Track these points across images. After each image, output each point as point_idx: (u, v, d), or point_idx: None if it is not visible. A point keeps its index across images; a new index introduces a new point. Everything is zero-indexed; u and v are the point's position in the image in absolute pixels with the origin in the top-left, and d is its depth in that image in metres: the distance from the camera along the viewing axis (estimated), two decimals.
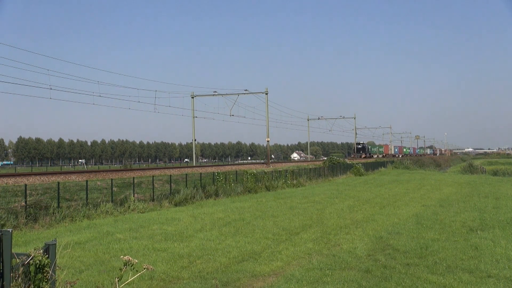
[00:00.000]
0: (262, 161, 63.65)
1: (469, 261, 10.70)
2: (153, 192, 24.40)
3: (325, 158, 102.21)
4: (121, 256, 6.38)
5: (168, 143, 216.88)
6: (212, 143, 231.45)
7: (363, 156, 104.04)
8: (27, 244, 12.85)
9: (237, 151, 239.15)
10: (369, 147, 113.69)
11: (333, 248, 12.45)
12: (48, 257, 5.98)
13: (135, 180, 25.07)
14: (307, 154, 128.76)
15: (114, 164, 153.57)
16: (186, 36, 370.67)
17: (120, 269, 6.18)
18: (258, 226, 16.04)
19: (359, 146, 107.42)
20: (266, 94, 58.01)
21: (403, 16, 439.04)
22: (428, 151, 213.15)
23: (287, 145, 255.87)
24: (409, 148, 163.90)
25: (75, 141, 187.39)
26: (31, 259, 5.78)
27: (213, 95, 60.47)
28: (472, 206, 21.56)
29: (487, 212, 19.12)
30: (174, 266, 10.61)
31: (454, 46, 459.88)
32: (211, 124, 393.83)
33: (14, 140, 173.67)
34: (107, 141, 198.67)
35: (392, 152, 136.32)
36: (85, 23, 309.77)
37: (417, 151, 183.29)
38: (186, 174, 29.95)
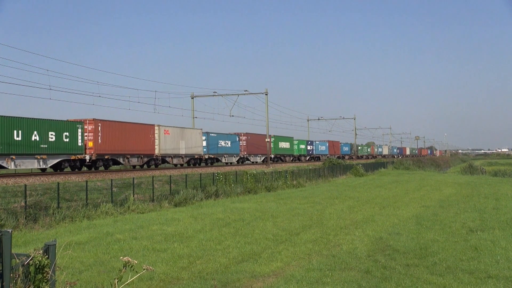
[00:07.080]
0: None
1: (469, 262, 10.71)
2: (153, 192, 24.38)
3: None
4: (121, 257, 6.38)
5: None
6: None
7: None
8: (27, 244, 12.84)
9: None
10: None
11: (333, 248, 12.44)
12: (48, 258, 5.98)
13: (135, 181, 25.05)
14: None
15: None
16: (186, 36, 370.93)
17: (120, 270, 6.18)
18: (258, 227, 16.03)
19: None
20: (266, 94, 57.98)
21: (404, 16, 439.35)
22: (396, 150, 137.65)
23: None
24: (321, 143, 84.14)
25: None
26: (31, 260, 5.78)
27: (213, 95, 60.43)
28: (472, 206, 21.57)
29: (487, 213, 19.13)
30: (174, 266, 10.61)
31: (454, 47, 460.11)
32: (211, 124, 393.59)
33: None
34: None
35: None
36: (85, 23, 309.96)
37: (341, 149, 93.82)
38: (186, 175, 29.93)
